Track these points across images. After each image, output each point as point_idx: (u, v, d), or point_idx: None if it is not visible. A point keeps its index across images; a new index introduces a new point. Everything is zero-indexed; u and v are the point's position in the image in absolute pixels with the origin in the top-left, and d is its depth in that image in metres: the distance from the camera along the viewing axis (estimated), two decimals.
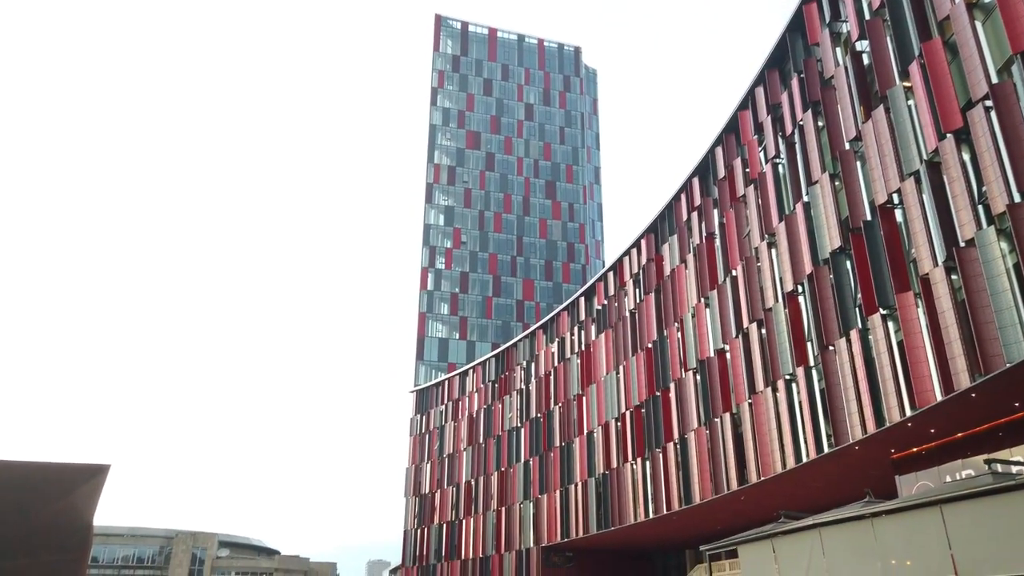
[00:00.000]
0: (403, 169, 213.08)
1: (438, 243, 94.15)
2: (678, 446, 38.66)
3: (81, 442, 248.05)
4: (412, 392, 78.97)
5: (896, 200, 24.40)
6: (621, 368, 46.80)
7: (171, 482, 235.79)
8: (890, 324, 24.12)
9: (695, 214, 40.47)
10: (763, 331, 32.06)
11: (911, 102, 24.11)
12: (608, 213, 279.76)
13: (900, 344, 23.33)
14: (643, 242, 46.82)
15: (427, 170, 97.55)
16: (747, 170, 35.35)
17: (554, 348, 57.93)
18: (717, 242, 37.49)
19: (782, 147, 32.49)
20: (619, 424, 46.11)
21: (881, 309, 24.30)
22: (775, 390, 30.43)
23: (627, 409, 45.21)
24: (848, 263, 26.88)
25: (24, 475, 22.42)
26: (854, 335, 25.54)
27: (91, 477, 22.07)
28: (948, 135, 21.78)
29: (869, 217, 25.65)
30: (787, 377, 29.75)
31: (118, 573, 75.87)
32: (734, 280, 35.12)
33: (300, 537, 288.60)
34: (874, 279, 24.69)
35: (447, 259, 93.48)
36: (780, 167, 32.65)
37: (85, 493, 21.55)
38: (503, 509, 60.02)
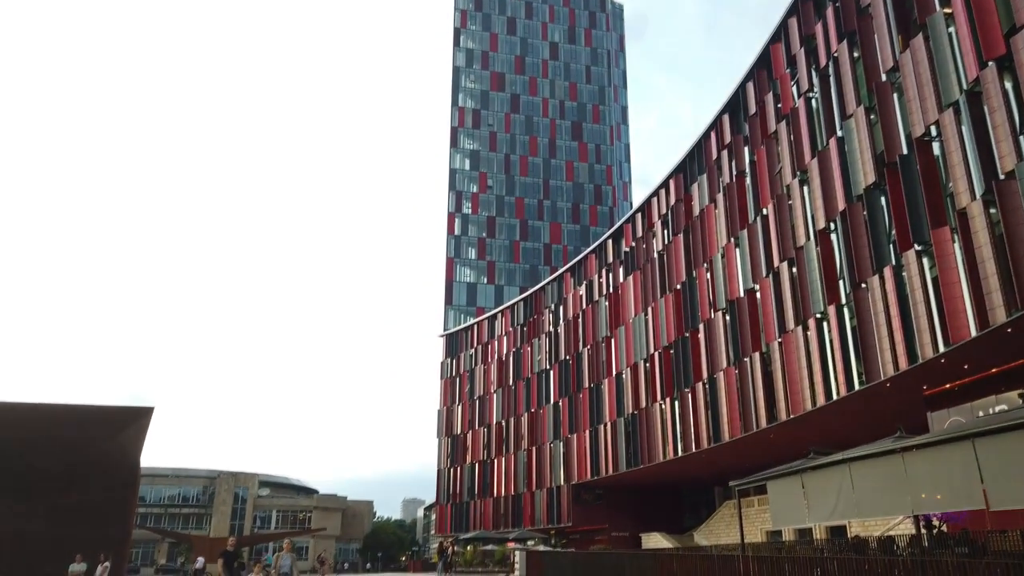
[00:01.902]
0: (428, 114, 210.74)
1: (464, 188, 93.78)
2: (707, 386, 38.85)
3: (125, 385, 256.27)
4: (441, 337, 79.93)
5: (934, 132, 23.70)
6: (650, 310, 46.80)
7: (213, 425, 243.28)
8: (925, 260, 23.72)
9: (725, 152, 39.73)
10: (794, 270, 31.74)
11: (951, 29, 23.17)
12: (636, 154, 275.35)
13: (935, 280, 22.99)
14: (672, 182, 46.22)
15: (451, 114, 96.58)
16: (779, 105, 34.48)
17: (582, 291, 57.99)
18: (748, 180, 36.87)
19: (815, 80, 31.56)
20: (648, 365, 46.37)
21: (916, 245, 23.88)
22: (806, 329, 30.28)
23: (656, 350, 45.38)
24: (882, 199, 26.32)
25: (74, 417, 23.49)
26: (887, 272, 25.19)
27: (136, 419, 23.04)
28: (990, 63, 20.98)
29: (905, 151, 24.99)
30: (818, 316, 29.55)
31: (165, 511, 79.12)
32: (765, 219, 34.65)
33: (337, 477, 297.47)
34: (909, 215, 24.20)
35: (473, 204, 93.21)
36: (813, 101, 31.79)
37: (131, 434, 22.51)
38: (533, 448, 61.17)
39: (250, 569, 16.81)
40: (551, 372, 60.51)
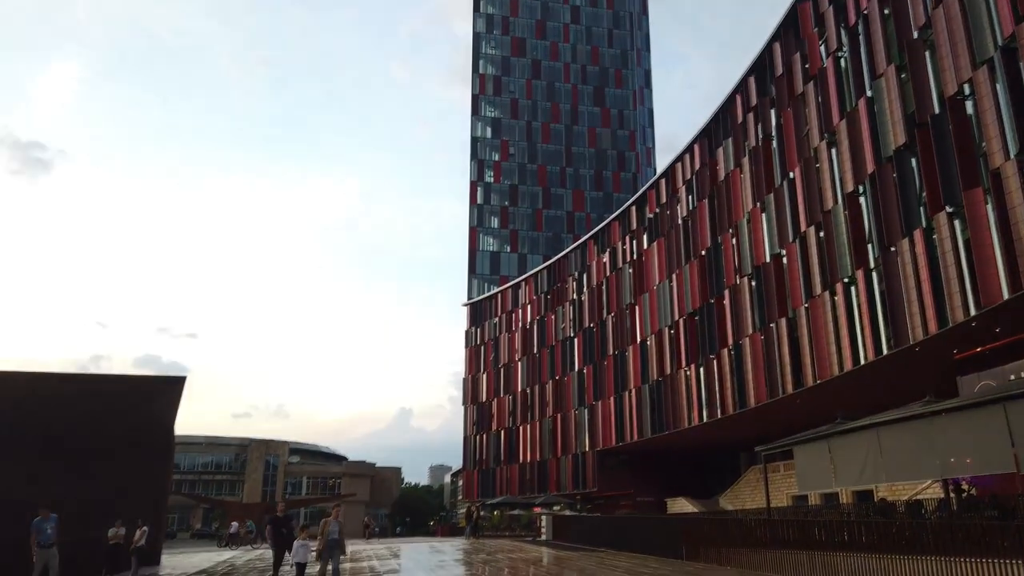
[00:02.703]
0: (448, 82, 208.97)
1: (486, 156, 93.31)
2: (732, 352, 38.72)
3: (152, 351, 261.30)
4: (465, 306, 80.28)
5: (967, 91, 23.09)
6: (674, 276, 46.56)
7: (243, 393, 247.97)
8: (956, 222, 23.29)
9: (751, 115, 39.06)
10: (821, 234, 31.33)
11: None
12: (659, 118, 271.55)
13: (966, 242, 22.58)
14: (696, 147, 45.62)
15: (472, 81, 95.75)
16: (807, 66, 33.74)
17: (606, 258, 57.79)
18: (774, 144, 36.28)
19: (844, 39, 30.78)
20: (672, 332, 46.27)
21: (947, 207, 23.44)
22: (833, 294, 29.98)
23: (681, 317, 45.24)
24: (913, 160, 25.79)
25: (110, 386, 23.99)
26: (917, 235, 24.78)
27: (170, 387, 23.48)
28: None
29: (937, 111, 24.40)
30: (846, 280, 29.22)
31: (199, 478, 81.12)
32: (791, 183, 34.14)
33: (366, 444, 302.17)
34: (940, 176, 23.71)
35: (496, 172, 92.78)
36: (842, 61, 31.05)
37: (165, 402, 22.96)
38: (559, 415, 61.59)
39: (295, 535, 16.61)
40: (575, 340, 60.63)
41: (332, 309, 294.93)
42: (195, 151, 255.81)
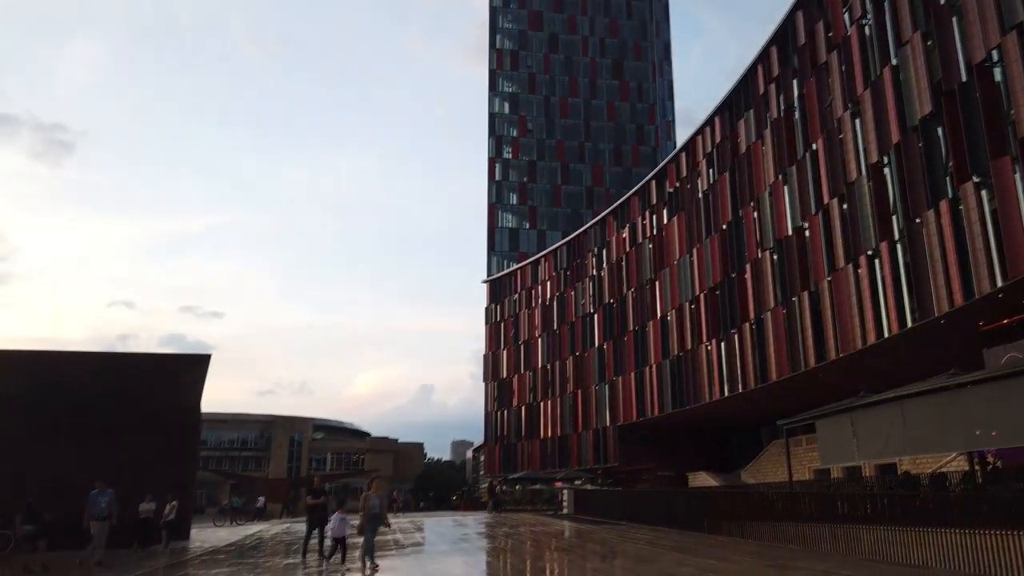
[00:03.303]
0: (465, 57, 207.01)
1: (504, 132, 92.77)
2: (754, 326, 38.52)
3: (177, 330, 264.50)
4: (485, 283, 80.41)
5: (995, 57, 22.55)
6: (695, 251, 46.27)
7: (268, 371, 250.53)
8: (983, 192, 22.88)
9: (773, 86, 38.45)
10: (845, 206, 30.94)
11: None
12: (679, 91, 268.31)
13: (993, 213, 22.20)
14: (717, 119, 45.06)
15: (489, 56, 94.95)
16: (830, 34, 33.09)
17: (625, 234, 57.51)
18: (797, 115, 35.74)
19: (869, 6, 30.11)
20: (693, 307, 46.08)
21: (974, 177, 23.02)
22: (856, 267, 29.65)
23: (701, 292, 45.01)
24: (939, 130, 25.31)
25: (139, 364, 24.38)
26: (943, 206, 24.39)
27: (196, 365, 23.81)
28: None
29: (964, 78, 23.87)
30: (869, 253, 28.87)
31: (225, 455, 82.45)
32: (814, 154, 33.67)
33: (388, 420, 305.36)
34: (968, 145, 23.25)
35: (514, 148, 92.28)
36: (866, 29, 30.40)
37: (192, 379, 23.30)
38: (579, 391, 61.76)
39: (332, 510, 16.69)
40: (595, 316, 60.59)
41: (352, 287, 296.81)
42: (214, 130, 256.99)
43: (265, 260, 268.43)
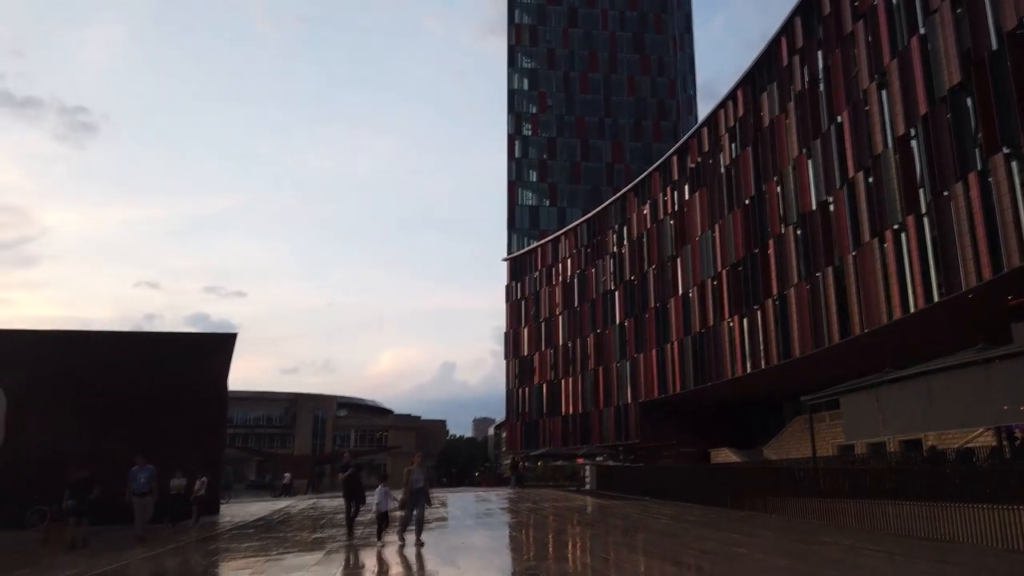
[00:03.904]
0: (483, 33, 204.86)
1: (523, 109, 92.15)
2: (777, 302, 38.23)
3: (201, 310, 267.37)
4: (505, 261, 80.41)
5: None
6: (717, 227, 45.88)
7: (291, 349, 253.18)
8: (1014, 164, 22.41)
9: (797, 58, 37.78)
10: (870, 180, 30.47)
11: None
12: (700, 65, 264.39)
13: None
14: (739, 93, 44.42)
15: (508, 31, 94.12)
16: (856, 3, 32.38)
17: (646, 210, 57.12)
18: (821, 87, 35.13)
19: None
20: (715, 283, 45.80)
21: (1004, 148, 22.55)
22: (882, 241, 29.26)
23: (724, 268, 44.70)
24: (968, 100, 24.78)
25: (167, 343, 24.77)
26: (972, 178, 23.95)
27: (222, 344, 24.12)
28: None
29: (995, 46, 23.30)
30: (895, 227, 28.47)
31: (251, 431, 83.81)
32: (839, 127, 33.13)
33: (411, 398, 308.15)
34: (998, 116, 22.76)
35: (533, 125, 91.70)
36: None
37: (219, 358, 23.62)
38: (600, 368, 61.80)
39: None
40: (616, 293, 60.44)
41: (372, 266, 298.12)
42: (234, 111, 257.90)
43: (286, 240, 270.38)
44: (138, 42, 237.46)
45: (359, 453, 79.37)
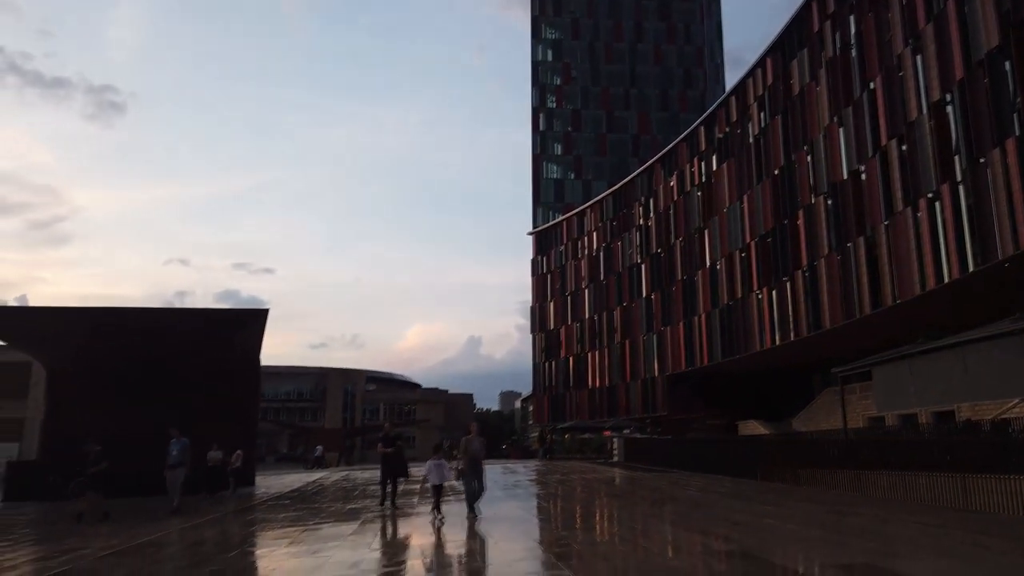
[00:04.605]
0: (506, 3, 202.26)
1: (548, 81, 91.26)
2: (806, 273, 37.80)
3: (231, 286, 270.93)
4: (531, 234, 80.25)
5: None
6: (745, 198, 45.32)
7: (320, 325, 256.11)
8: None
9: (828, 23, 36.91)
10: (904, 148, 29.85)
11: None
12: (728, 32, 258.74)
13: None
14: (768, 61, 43.56)
15: (531, 1, 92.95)
16: None
17: (673, 182, 56.54)
18: (853, 53, 34.33)
19: None
20: (744, 255, 45.36)
21: None
22: (916, 210, 28.73)
23: (752, 239, 44.22)
24: (1007, 64, 24.07)
25: (201, 320, 25.13)
26: (1010, 144, 23.35)
27: (255, 319, 24.45)
28: None
29: None
30: (929, 195, 27.91)
31: (282, 406, 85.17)
32: (872, 94, 32.41)
33: (438, 372, 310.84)
34: None
35: (558, 97, 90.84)
36: None
37: (251, 333, 23.96)
38: (627, 341, 61.71)
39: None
40: (643, 266, 60.12)
41: (398, 241, 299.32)
42: (258, 88, 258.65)
43: (312, 216, 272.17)
44: (164, 20, 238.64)
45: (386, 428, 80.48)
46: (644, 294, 59.59)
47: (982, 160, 24.75)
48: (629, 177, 65.06)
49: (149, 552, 11.62)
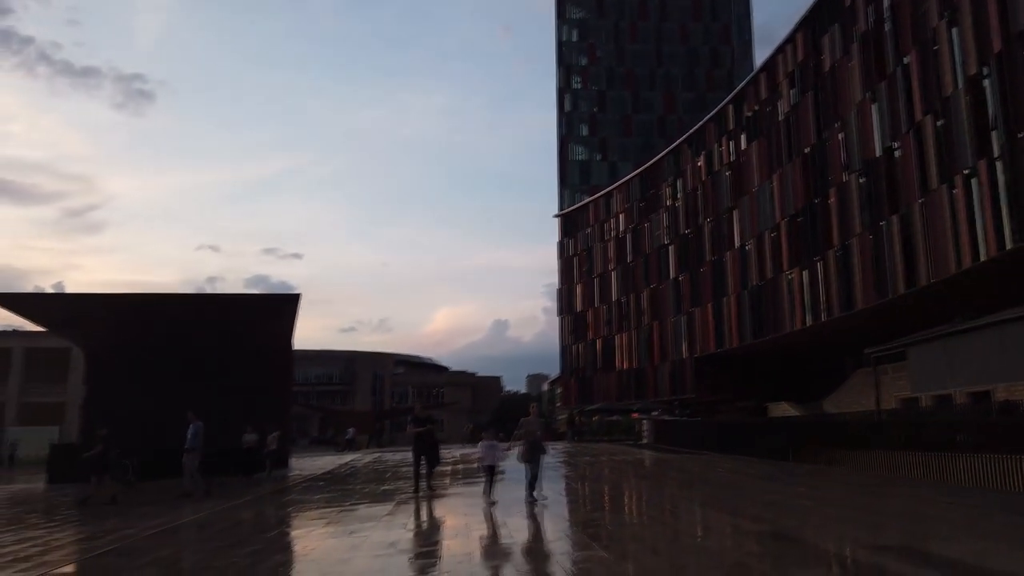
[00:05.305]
0: None
1: (573, 61, 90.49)
2: (838, 253, 37.27)
3: (261, 272, 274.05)
4: (557, 217, 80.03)
5: None
6: (775, 177, 44.71)
7: (348, 309, 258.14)
8: None
9: None
10: (939, 123, 29.19)
11: None
12: (757, 6, 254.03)
13: None
14: (799, 36, 42.76)
15: None
16: None
17: (701, 162, 55.93)
18: (887, 27, 33.56)
19: None
20: (774, 235, 44.83)
21: None
22: (952, 187, 28.13)
23: (782, 219, 43.67)
24: None
25: (236, 304, 25.46)
26: None
27: (287, 304, 24.74)
28: None
29: None
30: (966, 172, 27.32)
31: (312, 389, 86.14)
32: (906, 69, 31.70)
33: (464, 355, 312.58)
34: None
35: (583, 78, 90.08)
36: None
37: (284, 318, 24.25)
38: (655, 323, 61.46)
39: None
40: (670, 247, 59.71)
41: (424, 225, 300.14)
42: (286, 73, 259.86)
43: (340, 201, 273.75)
44: (190, 8, 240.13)
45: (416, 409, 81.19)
46: (672, 275, 59.23)
47: (1020, 135, 24.14)
48: (656, 158, 64.46)
49: (190, 532, 11.92)
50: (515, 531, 10.11)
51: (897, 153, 32.41)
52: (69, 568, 9.37)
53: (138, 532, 11.78)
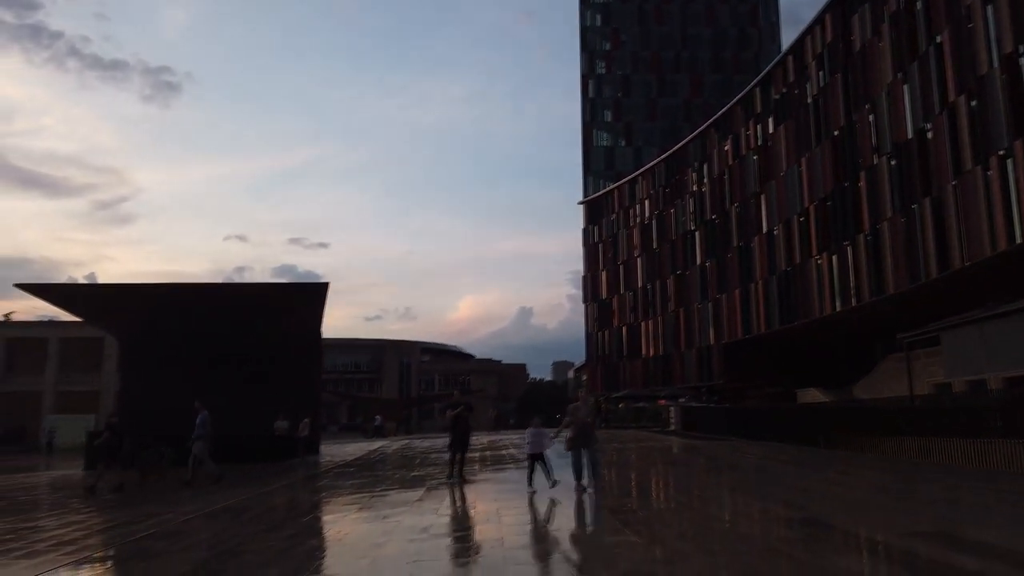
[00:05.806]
0: None
1: (597, 47, 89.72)
2: (869, 237, 36.72)
3: (287, 261, 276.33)
4: (581, 204, 79.71)
5: None
6: (803, 160, 44.07)
7: (373, 298, 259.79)
8: None
9: None
10: (973, 104, 28.56)
11: None
12: None
13: None
14: (828, 16, 41.99)
15: None
16: None
17: (728, 146, 55.29)
18: (919, 5, 32.83)
19: None
20: (802, 220, 44.25)
21: None
22: (986, 168, 27.55)
23: (811, 203, 43.08)
24: None
25: (266, 294, 25.77)
26: None
27: (316, 293, 25.00)
28: None
29: None
30: (1001, 153, 26.72)
31: (341, 377, 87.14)
32: (939, 48, 31.01)
33: (489, 343, 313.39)
34: None
35: (607, 63, 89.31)
36: None
37: (313, 307, 24.50)
38: (681, 310, 61.10)
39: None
40: (696, 233, 59.23)
41: (448, 213, 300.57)
42: (309, 63, 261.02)
43: (364, 190, 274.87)
44: (214, 0, 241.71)
45: (443, 397, 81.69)
46: (698, 262, 58.78)
47: None
48: (682, 143, 63.83)
49: (227, 517, 12.16)
50: (547, 517, 10.17)
51: (929, 135, 31.78)
52: (112, 551, 9.63)
53: (176, 516, 12.05)
